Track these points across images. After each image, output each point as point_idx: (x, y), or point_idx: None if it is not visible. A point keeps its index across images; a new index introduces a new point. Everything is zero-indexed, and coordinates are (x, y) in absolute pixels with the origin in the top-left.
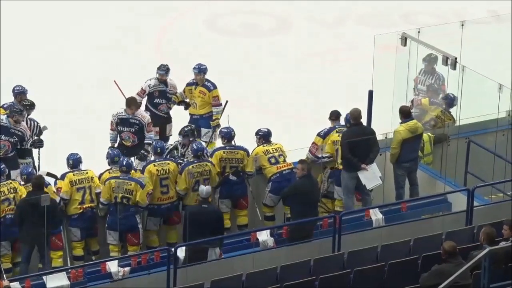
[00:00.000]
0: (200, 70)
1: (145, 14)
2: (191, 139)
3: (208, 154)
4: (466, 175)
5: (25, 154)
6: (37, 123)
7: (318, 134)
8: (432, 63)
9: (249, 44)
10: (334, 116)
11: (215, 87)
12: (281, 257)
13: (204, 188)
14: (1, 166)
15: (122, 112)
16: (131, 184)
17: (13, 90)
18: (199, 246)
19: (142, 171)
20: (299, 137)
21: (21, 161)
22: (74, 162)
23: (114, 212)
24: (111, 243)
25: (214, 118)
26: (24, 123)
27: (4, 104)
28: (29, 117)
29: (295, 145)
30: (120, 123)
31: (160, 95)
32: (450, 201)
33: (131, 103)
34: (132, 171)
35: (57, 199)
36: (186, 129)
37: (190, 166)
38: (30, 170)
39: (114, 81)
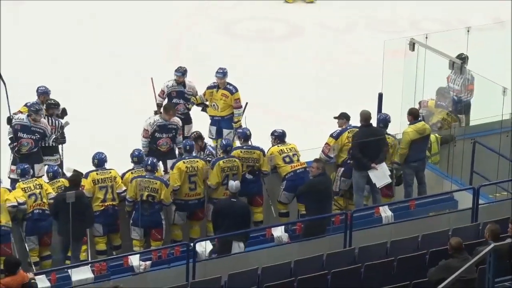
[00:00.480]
0: (224, 74)
1: (165, 18)
2: (199, 143)
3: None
4: (471, 175)
5: (52, 151)
6: (60, 121)
7: (331, 135)
8: (463, 62)
9: (263, 48)
10: (345, 117)
11: (236, 90)
12: (294, 252)
13: (234, 183)
14: (26, 166)
15: (159, 120)
16: (156, 183)
17: (37, 90)
18: (225, 238)
19: (172, 168)
20: (312, 137)
21: (49, 157)
22: (100, 161)
23: (139, 209)
24: (134, 238)
25: (236, 120)
26: (45, 120)
27: (28, 103)
28: (53, 116)
29: (308, 145)
30: (158, 130)
31: (178, 96)
32: (457, 199)
33: (170, 108)
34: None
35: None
36: (192, 135)
37: (221, 161)
38: (55, 169)
39: (151, 79)
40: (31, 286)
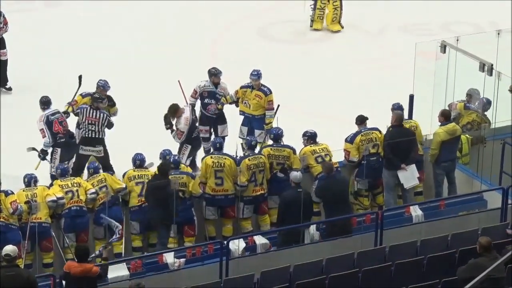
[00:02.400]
0: (258, 76)
1: (200, 21)
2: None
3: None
4: (501, 175)
5: (95, 142)
6: (107, 115)
7: (345, 140)
8: None
9: (296, 51)
10: (359, 120)
11: (271, 92)
12: (326, 250)
13: (297, 174)
14: (65, 166)
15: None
16: (183, 177)
17: (98, 82)
18: (294, 229)
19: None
20: (343, 137)
21: (92, 148)
22: (141, 162)
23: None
24: (170, 236)
25: (267, 121)
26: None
27: (83, 93)
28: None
29: (340, 145)
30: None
31: (209, 96)
32: (486, 199)
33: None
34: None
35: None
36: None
37: (247, 159)
38: (96, 165)
39: (178, 81)
40: (99, 275)
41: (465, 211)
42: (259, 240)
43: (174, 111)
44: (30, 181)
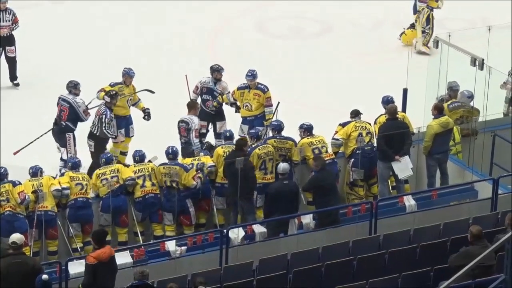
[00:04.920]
0: (254, 76)
1: (198, 16)
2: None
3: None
4: (491, 166)
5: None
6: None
7: (339, 124)
8: None
9: (294, 46)
10: (354, 114)
11: (268, 89)
12: (322, 239)
13: (282, 165)
14: (77, 160)
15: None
16: (176, 169)
17: (122, 70)
18: (282, 220)
19: (211, 154)
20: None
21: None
22: (140, 157)
23: (167, 195)
24: (166, 224)
25: (267, 118)
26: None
27: (111, 83)
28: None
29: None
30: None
31: (208, 92)
32: (477, 189)
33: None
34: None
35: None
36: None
37: (257, 149)
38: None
39: (185, 76)
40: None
41: (457, 201)
42: (258, 228)
43: (191, 106)
44: (36, 172)
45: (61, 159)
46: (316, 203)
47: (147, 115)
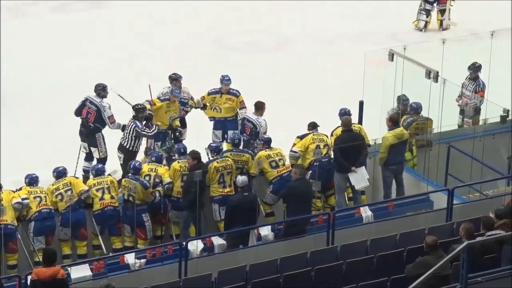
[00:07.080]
0: (230, 80)
1: (158, 30)
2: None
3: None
4: (446, 177)
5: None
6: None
7: (297, 136)
8: (477, 71)
9: (251, 60)
10: (311, 126)
11: (239, 93)
12: (280, 250)
13: (240, 178)
14: (99, 166)
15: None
16: (136, 184)
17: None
18: (241, 232)
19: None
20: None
21: None
22: (97, 171)
23: (124, 208)
24: (125, 235)
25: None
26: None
27: (161, 97)
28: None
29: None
30: None
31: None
32: (432, 199)
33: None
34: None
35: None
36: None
37: (215, 162)
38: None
39: (149, 86)
40: (62, 281)
41: (413, 211)
42: (217, 240)
43: (259, 107)
44: None
45: (96, 159)
46: (289, 211)
47: (178, 132)
